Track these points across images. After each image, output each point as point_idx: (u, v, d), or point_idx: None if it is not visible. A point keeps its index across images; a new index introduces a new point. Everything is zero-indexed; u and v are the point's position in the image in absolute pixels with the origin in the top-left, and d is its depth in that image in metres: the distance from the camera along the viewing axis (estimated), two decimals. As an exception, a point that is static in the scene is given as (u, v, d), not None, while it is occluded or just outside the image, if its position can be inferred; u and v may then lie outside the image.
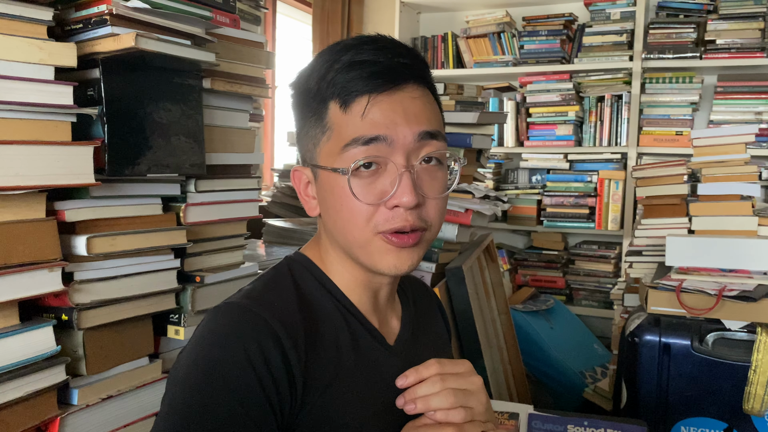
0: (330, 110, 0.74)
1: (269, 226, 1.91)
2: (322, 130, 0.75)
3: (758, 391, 1.28)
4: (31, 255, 0.93)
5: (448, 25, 3.46)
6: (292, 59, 3.59)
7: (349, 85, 0.72)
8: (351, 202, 0.73)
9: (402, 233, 0.73)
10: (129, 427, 1.09)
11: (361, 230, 0.74)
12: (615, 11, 3.01)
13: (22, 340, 0.92)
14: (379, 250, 0.74)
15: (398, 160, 0.72)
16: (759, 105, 2.80)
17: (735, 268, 1.50)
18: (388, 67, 0.73)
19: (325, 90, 0.74)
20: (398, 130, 0.72)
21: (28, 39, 0.93)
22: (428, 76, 0.79)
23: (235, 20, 1.24)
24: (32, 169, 0.91)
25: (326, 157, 0.75)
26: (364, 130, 0.72)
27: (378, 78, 0.72)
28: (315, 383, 0.71)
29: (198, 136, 1.17)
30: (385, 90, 0.72)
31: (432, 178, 0.75)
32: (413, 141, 0.73)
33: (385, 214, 0.73)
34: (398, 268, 0.75)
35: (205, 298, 1.21)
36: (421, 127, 0.73)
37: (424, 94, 0.76)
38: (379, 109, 0.72)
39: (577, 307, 3.05)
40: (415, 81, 0.75)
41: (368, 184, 0.72)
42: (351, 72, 0.73)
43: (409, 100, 0.74)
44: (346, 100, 0.73)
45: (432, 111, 0.77)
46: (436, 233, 0.78)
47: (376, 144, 0.71)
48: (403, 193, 0.71)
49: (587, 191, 3.06)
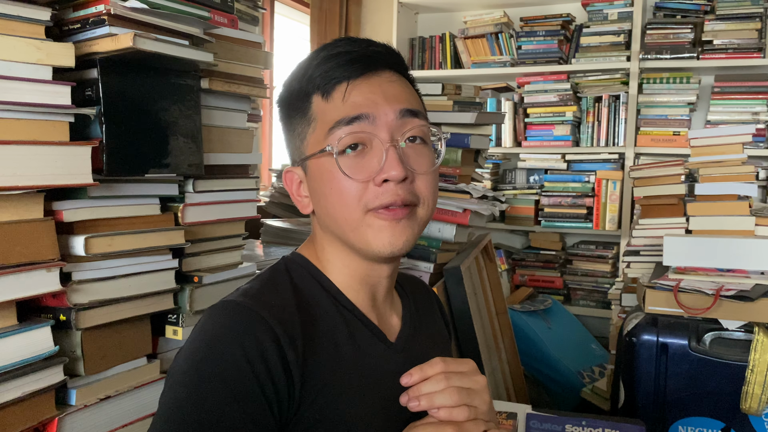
0: (313, 103, 0.77)
1: (267, 227, 1.91)
2: (307, 123, 0.78)
3: (755, 390, 1.28)
4: (29, 255, 0.93)
5: (445, 26, 3.46)
6: (290, 59, 3.59)
7: (327, 74, 0.76)
8: (340, 183, 0.74)
9: (394, 208, 0.74)
10: (127, 427, 1.08)
11: (352, 210, 0.74)
12: (612, 12, 3.02)
13: (20, 340, 0.92)
14: (372, 229, 0.75)
15: (383, 136, 0.74)
16: (756, 105, 2.80)
17: (732, 268, 1.51)
18: (363, 54, 0.77)
19: (306, 86, 0.78)
20: (379, 108, 0.74)
21: (25, 39, 0.93)
22: (404, 66, 0.82)
23: (233, 20, 1.24)
24: (30, 169, 0.91)
25: (313, 145, 0.77)
26: (346, 111, 0.74)
27: (354, 63, 0.76)
28: (313, 380, 0.71)
29: (196, 136, 1.17)
30: (362, 74, 0.76)
31: (418, 155, 0.77)
32: (395, 118, 0.75)
33: (375, 191, 0.74)
34: (393, 245, 0.75)
35: (203, 299, 1.21)
36: (402, 105, 0.76)
37: (402, 80, 0.80)
38: (359, 92, 0.75)
39: (575, 307, 3.06)
40: (391, 68, 0.79)
41: (356, 164, 0.74)
42: (328, 63, 0.76)
43: (387, 83, 0.77)
44: (327, 89, 0.76)
45: (411, 93, 0.80)
46: (430, 211, 0.79)
47: (359, 123, 0.74)
48: (391, 167, 0.73)
49: (585, 191, 3.06)
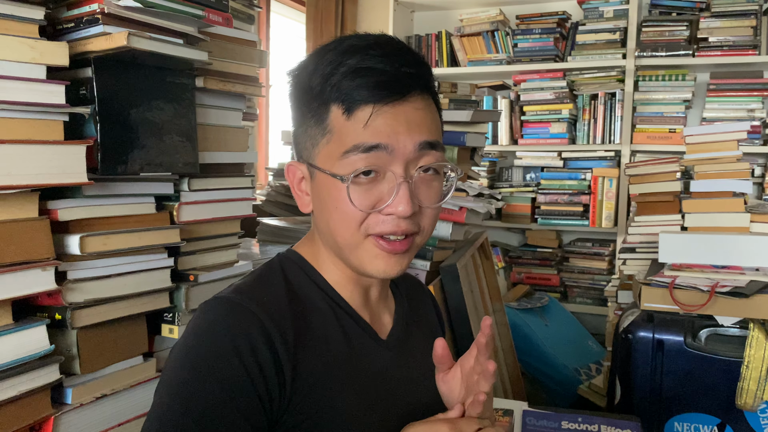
0: (332, 113, 0.74)
1: (263, 225, 1.90)
2: (322, 132, 0.75)
3: (750, 386, 1.29)
4: (24, 254, 0.93)
5: (442, 24, 3.46)
6: (285, 58, 3.59)
7: (353, 93, 0.72)
8: (346, 207, 0.73)
9: (394, 240, 0.74)
10: (123, 425, 1.08)
11: (352, 233, 0.74)
12: (608, 9, 3.02)
13: (16, 339, 0.92)
14: (369, 254, 0.75)
15: (397, 170, 0.73)
16: (751, 102, 2.81)
17: (727, 265, 1.51)
18: (394, 77, 0.73)
19: (328, 92, 0.74)
20: (399, 139, 0.72)
21: (19, 38, 0.92)
22: (432, 84, 0.79)
23: (227, 19, 1.24)
24: (25, 168, 0.91)
25: (325, 159, 0.75)
26: (366, 137, 0.72)
27: (384, 89, 0.72)
28: (304, 375, 0.72)
29: (191, 135, 1.17)
30: (390, 102, 0.72)
31: (428, 188, 0.76)
32: (413, 151, 0.73)
33: (377, 218, 0.73)
34: (387, 273, 0.76)
35: (198, 297, 1.21)
36: (422, 137, 0.74)
37: (427, 104, 0.77)
38: (382, 119, 0.72)
39: (572, 305, 3.06)
40: (420, 90, 0.75)
41: (365, 191, 0.73)
42: (357, 79, 0.72)
43: (412, 111, 0.74)
44: (350, 107, 0.72)
45: (433, 120, 0.77)
46: (427, 238, 0.79)
47: (376, 152, 0.72)
48: (400, 203, 0.72)
49: (581, 189, 3.06)
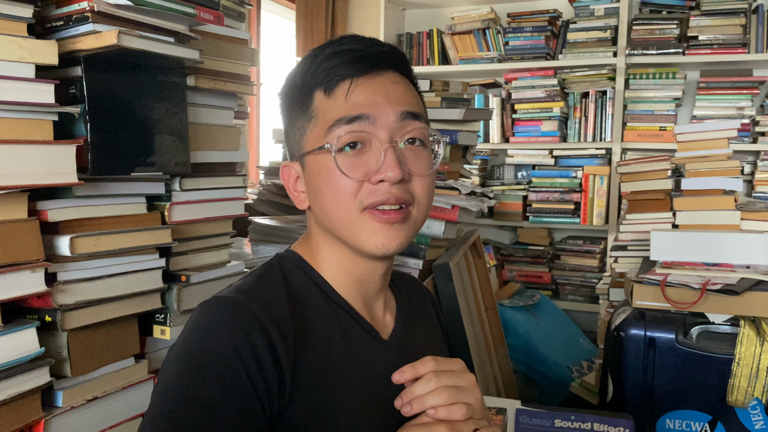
0: (315, 99, 0.77)
1: (255, 224, 1.89)
2: (308, 119, 0.78)
3: (742, 383, 1.29)
4: (13, 256, 0.92)
5: (433, 22, 3.46)
6: (276, 56, 3.57)
7: (331, 71, 0.76)
8: (337, 180, 0.74)
9: (389, 210, 0.74)
10: (115, 428, 1.08)
11: (347, 208, 0.74)
12: (599, 7, 3.03)
13: (5, 342, 0.91)
14: (366, 229, 0.75)
15: (382, 136, 0.74)
16: (741, 100, 2.83)
17: (718, 262, 1.52)
18: (368, 53, 0.77)
19: (309, 81, 0.77)
20: (380, 109, 0.74)
21: (7, 36, 0.91)
22: (409, 68, 0.82)
23: (218, 17, 1.23)
24: (13, 168, 0.90)
25: (313, 141, 0.77)
26: (348, 110, 0.74)
27: (359, 62, 0.76)
28: (304, 376, 0.71)
29: (182, 134, 1.16)
30: (366, 73, 0.76)
31: (417, 157, 0.77)
32: (396, 120, 0.75)
33: (369, 188, 0.74)
34: (386, 247, 0.75)
35: (190, 298, 1.20)
36: (403, 107, 0.76)
37: (405, 81, 0.80)
38: (361, 91, 0.75)
39: (563, 302, 3.07)
40: (395, 69, 0.79)
41: (354, 162, 0.74)
42: (333, 60, 0.76)
43: (390, 84, 0.77)
44: (330, 85, 0.76)
45: (413, 95, 0.80)
46: (425, 212, 0.79)
47: (359, 122, 0.74)
48: (388, 168, 0.73)
49: (572, 187, 3.07)
